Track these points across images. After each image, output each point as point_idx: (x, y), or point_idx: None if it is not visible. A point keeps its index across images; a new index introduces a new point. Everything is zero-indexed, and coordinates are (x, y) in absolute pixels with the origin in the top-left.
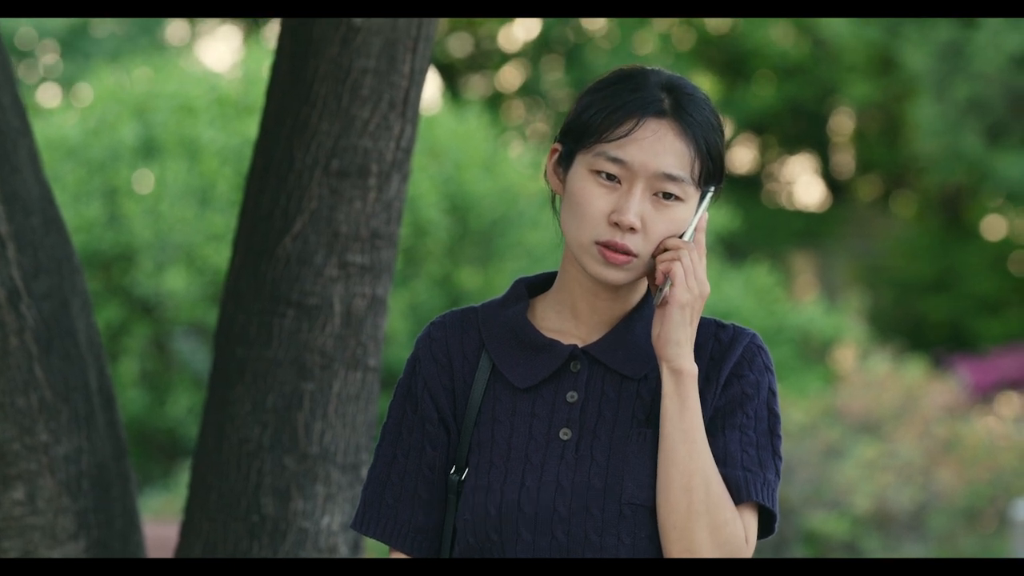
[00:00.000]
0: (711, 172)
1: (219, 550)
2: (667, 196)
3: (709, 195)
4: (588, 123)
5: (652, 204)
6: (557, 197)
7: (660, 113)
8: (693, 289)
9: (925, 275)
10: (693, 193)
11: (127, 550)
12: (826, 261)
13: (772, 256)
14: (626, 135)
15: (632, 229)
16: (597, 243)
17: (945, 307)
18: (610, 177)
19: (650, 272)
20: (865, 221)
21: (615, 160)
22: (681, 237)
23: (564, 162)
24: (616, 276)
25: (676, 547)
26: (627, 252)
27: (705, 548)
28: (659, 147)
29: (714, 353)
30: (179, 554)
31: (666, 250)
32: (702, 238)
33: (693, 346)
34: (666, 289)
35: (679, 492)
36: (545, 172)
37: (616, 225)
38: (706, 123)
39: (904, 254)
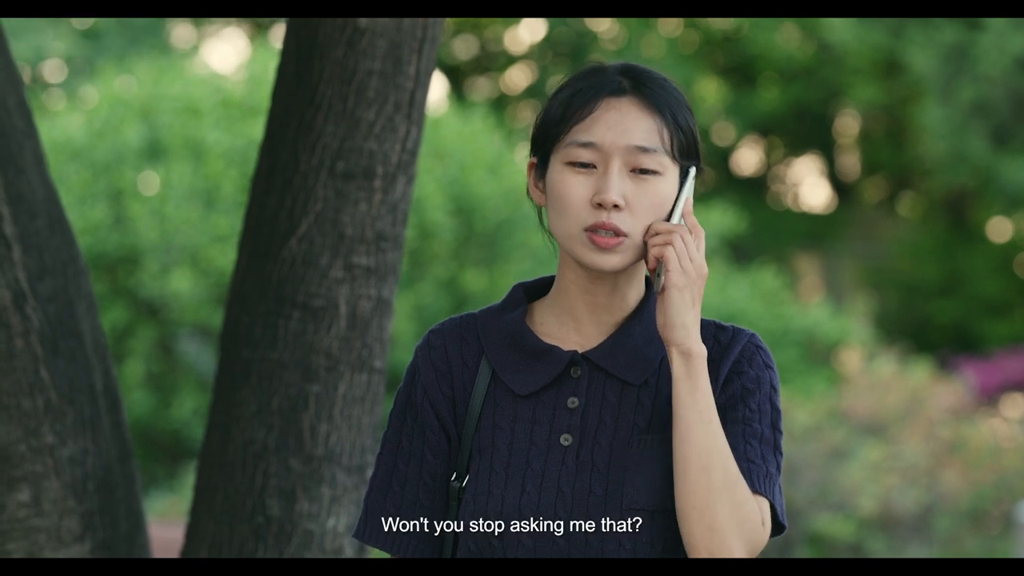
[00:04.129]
0: (684, 145)
1: (224, 552)
2: (644, 172)
3: (691, 176)
4: (551, 120)
5: (632, 181)
6: (543, 210)
7: (619, 91)
8: (689, 271)
9: (931, 277)
10: (671, 166)
11: (132, 552)
12: (831, 263)
13: (778, 258)
14: (589, 115)
15: (616, 207)
16: (585, 230)
17: (950, 309)
18: (584, 165)
19: (646, 259)
20: (871, 223)
21: (585, 144)
22: (668, 220)
23: (541, 170)
24: (610, 261)
25: (697, 528)
26: (616, 232)
27: (728, 525)
28: (625, 123)
29: (713, 354)
30: (184, 556)
31: (657, 234)
32: (695, 220)
33: (699, 327)
34: (662, 275)
35: (698, 472)
36: (528, 191)
37: (600, 206)
38: (670, 97)
39: (910, 256)
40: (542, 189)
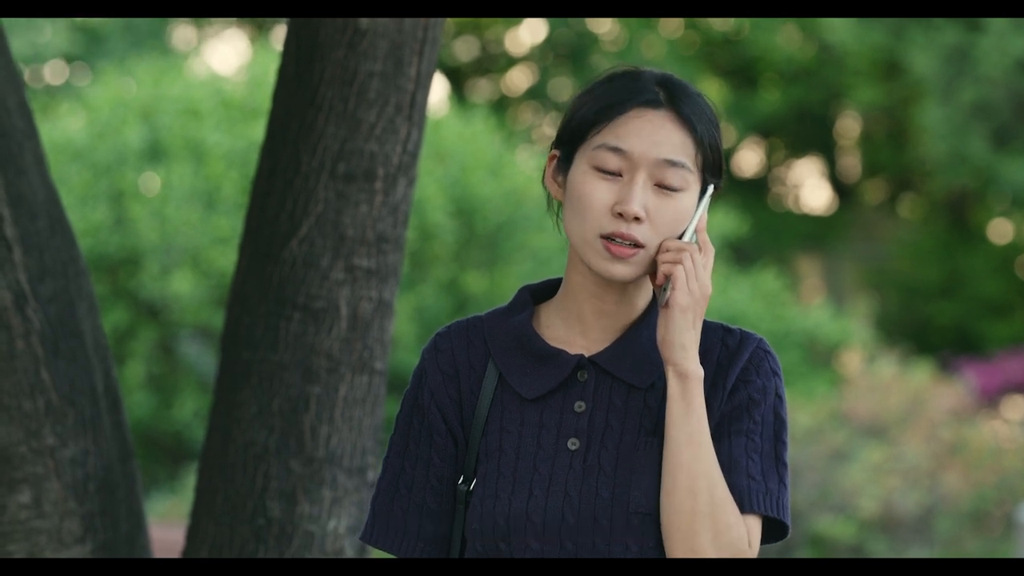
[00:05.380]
0: (711, 164)
1: (225, 553)
2: (669, 186)
3: (708, 194)
4: (582, 117)
5: (655, 194)
6: (556, 203)
7: (656, 103)
8: (694, 292)
9: (931, 278)
10: (695, 183)
11: (133, 553)
12: (833, 265)
13: (779, 260)
14: (621, 121)
15: (637, 219)
16: (602, 236)
17: (951, 310)
18: (611, 172)
19: (653, 272)
20: (871, 224)
21: (615, 150)
22: (681, 237)
23: (563, 165)
24: (622, 271)
25: (679, 549)
26: (634, 243)
27: (708, 551)
28: (658, 136)
29: (721, 359)
30: (185, 557)
31: (668, 251)
32: (706, 238)
33: (698, 348)
34: (668, 291)
35: (683, 495)
36: (543, 180)
37: (620, 216)
38: (703, 114)
39: (910, 257)
40: (561, 184)
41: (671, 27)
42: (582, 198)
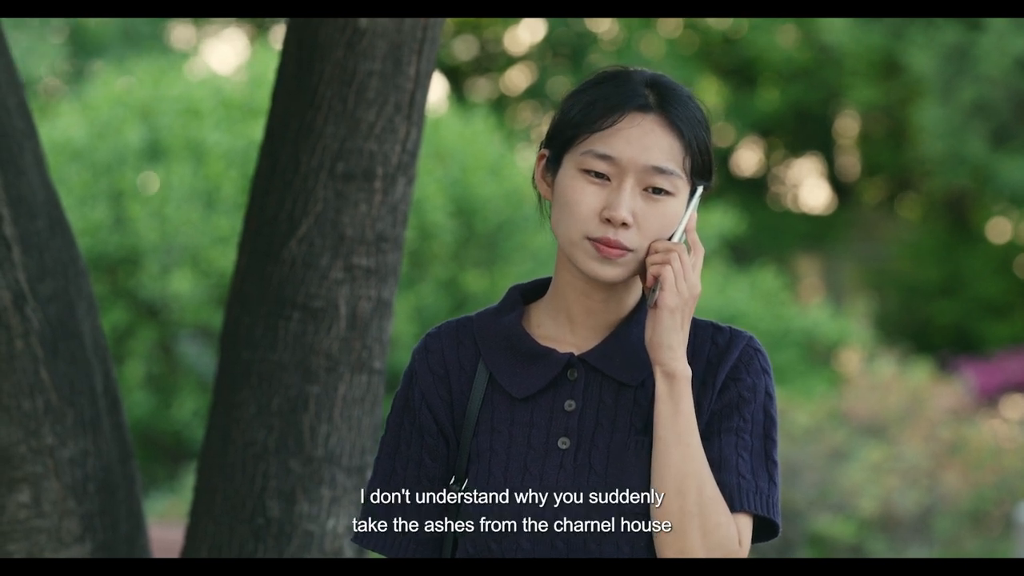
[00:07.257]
0: (700, 167)
1: (224, 553)
2: (657, 191)
3: (698, 194)
4: (572, 121)
5: (643, 199)
6: (547, 202)
7: (645, 107)
8: (683, 292)
9: (931, 278)
10: (683, 187)
11: (132, 553)
12: (832, 264)
13: (778, 259)
14: (610, 126)
15: (624, 224)
16: (589, 239)
17: (951, 310)
18: (599, 175)
19: (642, 273)
20: (871, 224)
21: (603, 157)
22: (670, 238)
23: (552, 166)
24: (610, 272)
25: (669, 550)
26: (621, 247)
27: (698, 550)
28: (647, 141)
29: (711, 357)
30: (184, 557)
31: (656, 252)
32: (696, 237)
33: (686, 348)
34: (657, 292)
35: (672, 495)
36: (533, 179)
37: (608, 222)
38: (692, 118)
39: (909, 257)
40: (550, 183)
41: (670, 27)
42: (570, 203)
